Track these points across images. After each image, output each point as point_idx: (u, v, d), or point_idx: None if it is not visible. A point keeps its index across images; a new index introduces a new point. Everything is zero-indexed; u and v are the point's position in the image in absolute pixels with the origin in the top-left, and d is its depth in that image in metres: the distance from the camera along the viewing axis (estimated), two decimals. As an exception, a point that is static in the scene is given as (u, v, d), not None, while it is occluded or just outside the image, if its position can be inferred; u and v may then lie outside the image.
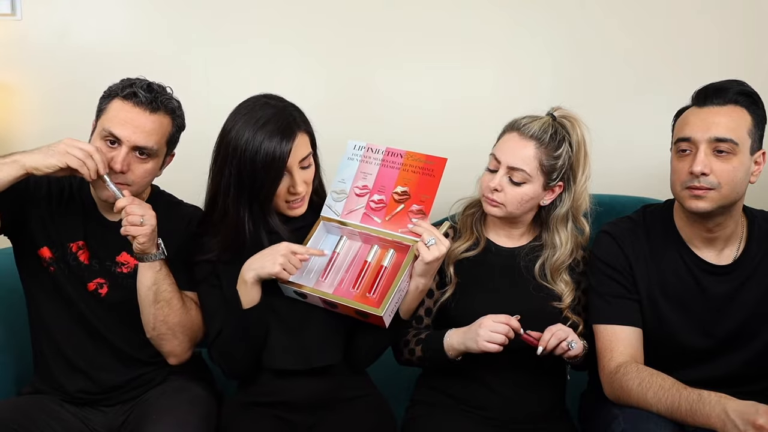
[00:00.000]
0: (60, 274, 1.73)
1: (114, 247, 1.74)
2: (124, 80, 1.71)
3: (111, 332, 1.75)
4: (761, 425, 1.38)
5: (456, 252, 1.79)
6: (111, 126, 1.65)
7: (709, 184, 1.60)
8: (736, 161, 1.60)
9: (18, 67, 2.33)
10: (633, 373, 1.61)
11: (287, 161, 1.62)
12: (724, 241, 1.69)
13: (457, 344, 1.67)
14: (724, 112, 1.61)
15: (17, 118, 2.35)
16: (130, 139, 1.64)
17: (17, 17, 2.32)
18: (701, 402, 1.49)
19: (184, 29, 2.37)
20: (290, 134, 1.63)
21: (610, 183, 2.33)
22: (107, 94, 1.69)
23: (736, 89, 1.62)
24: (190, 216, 1.81)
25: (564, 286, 1.76)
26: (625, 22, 2.44)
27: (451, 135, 1.92)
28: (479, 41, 2.42)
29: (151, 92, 1.67)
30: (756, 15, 2.45)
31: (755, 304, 1.68)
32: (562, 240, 1.78)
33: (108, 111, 1.67)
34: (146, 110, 1.66)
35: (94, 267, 1.74)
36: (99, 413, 1.75)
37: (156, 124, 1.67)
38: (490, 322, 1.62)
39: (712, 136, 1.59)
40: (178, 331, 1.71)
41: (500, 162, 1.72)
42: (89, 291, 1.73)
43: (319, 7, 2.37)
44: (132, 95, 1.65)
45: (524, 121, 1.74)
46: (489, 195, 1.74)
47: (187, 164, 1.88)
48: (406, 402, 1.89)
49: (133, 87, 1.66)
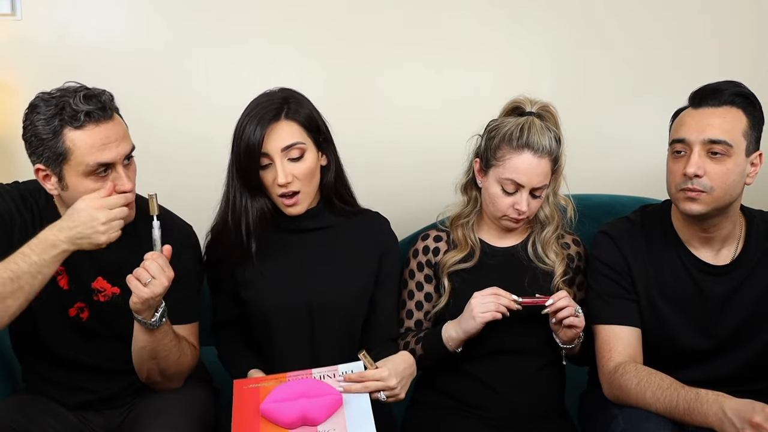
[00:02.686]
0: (40, 306, 1.61)
1: (90, 272, 1.65)
2: (51, 111, 1.49)
3: (98, 354, 1.69)
4: (758, 423, 1.39)
5: (450, 262, 1.80)
6: (96, 158, 1.50)
7: (702, 187, 1.59)
8: (731, 163, 1.59)
9: (18, 67, 2.32)
10: (631, 373, 1.61)
11: (261, 147, 1.62)
12: (721, 242, 1.69)
13: (455, 333, 1.69)
14: (719, 113, 1.60)
15: (17, 118, 2.31)
16: (120, 154, 1.54)
17: (17, 17, 2.31)
18: (699, 401, 1.49)
19: (184, 29, 2.37)
20: (267, 121, 1.63)
21: (610, 183, 2.33)
22: (48, 134, 1.50)
23: (732, 90, 1.62)
24: (183, 236, 1.72)
25: (554, 257, 1.79)
26: (625, 22, 2.44)
27: (452, 135, 1.92)
28: (479, 41, 2.42)
29: (92, 99, 1.51)
30: (756, 15, 2.45)
31: (754, 304, 1.68)
32: (546, 214, 1.80)
33: (73, 149, 1.49)
34: (107, 121, 1.52)
35: (73, 290, 1.65)
36: (98, 414, 1.74)
37: (120, 126, 1.56)
38: (478, 295, 1.66)
39: (706, 138, 1.59)
40: (173, 377, 1.67)
41: (523, 185, 1.71)
42: (70, 317, 1.66)
43: (319, 8, 2.37)
44: (87, 116, 1.49)
45: (533, 137, 1.70)
46: (515, 216, 1.74)
47: (187, 165, 1.89)
48: (406, 402, 1.89)
49: (76, 108, 1.49)
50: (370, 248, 1.79)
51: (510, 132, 1.72)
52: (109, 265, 1.64)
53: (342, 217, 1.79)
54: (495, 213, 1.76)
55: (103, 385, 1.72)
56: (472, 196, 1.85)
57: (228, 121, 1.94)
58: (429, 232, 1.87)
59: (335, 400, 1.52)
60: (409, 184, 2.40)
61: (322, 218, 1.77)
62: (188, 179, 1.94)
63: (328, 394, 1.53)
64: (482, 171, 1.79)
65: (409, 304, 1.82)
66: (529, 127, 1.71)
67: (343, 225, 1.79)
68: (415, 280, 1.83)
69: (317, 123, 1.71)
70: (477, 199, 1.84)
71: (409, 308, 1.82)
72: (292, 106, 1.67)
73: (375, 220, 1.84)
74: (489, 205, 1.77)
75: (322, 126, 1.73)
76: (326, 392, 1.53)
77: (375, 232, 1.81)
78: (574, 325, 1.64)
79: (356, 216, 1.81)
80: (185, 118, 1.76)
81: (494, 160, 1.74)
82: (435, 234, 1.86)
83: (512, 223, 1.76)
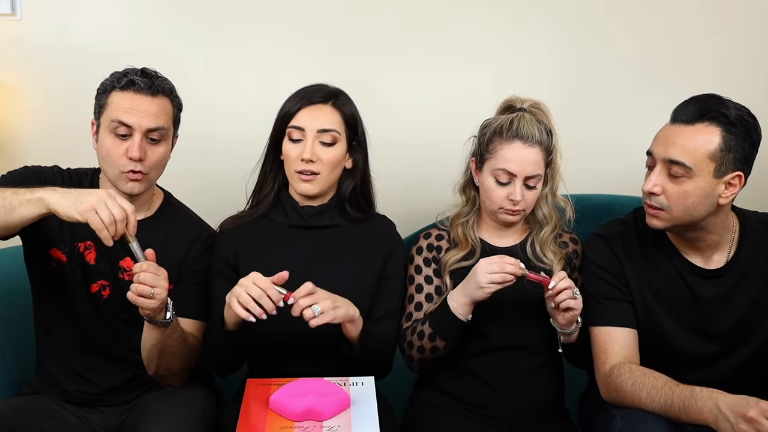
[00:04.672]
0: (65, 275, 1.72)
1: (119, 249, 1.70)
2: (115, 73, 1.70)
3: (109, 335, 1.74)
4: (752, 417, 1.38)
5: (451, 261, 1.80)
6: (119, 115, 1.65)
7: (660, 205, 1.59)
8: (690, 185, 1.56)
9: (18, 67, 2.32)
10: (626, 374, 1.61)
11: (295, 114, 1.72)
12: (710, 249, 1.68)
13: (463, 298, 1.68)
14: (687, 132, 1.56)
15: (17, 118, 2.35)
16: (141, 124, 1.65)
17: (17, 17, 2.32)
18: (693, 398, 1.49)
19: (184, 29, 2.37)
20: (314, 100, 1.73)
21: (610, 183, 2.33)
22: (102, 90, 1.70)
23: (709, 108, 1.56)
24: (197, 232, 1.80)
25: (552, 256, 1.80)
26: (625, 21, 2.44)
27: (452, 135, 1.92)
28: (479, 41, 2.42)
29: (148, 77, 1.68)
30: (756, 15, 2.45)
31: (748, 307, 1.67)
32: (545, 213, 1.82)
33: (110, 105, 1.67)
34: (147, 95, 1.67)
35: (100, 268, 1.73)
36: (98, 413, 1.75)
37: (160, 107, 1.68)
38: (484, 264, 1.64)
39: (667, 157, 1.57)
40: (180, 372, 1.71)
41: (515, 175, 1.73)
42: (91, 293, 1.73)
43: (320, 7, 2.37)
44: (130, 84, 1.66)
45: (522, 128, 1.73)
46: (510, 207, 1.75)
47: (186, 163, 1.89)
48: (405, 402, 1.89)
49: (128, 76, 1.67)
50: (375, 249, 1.80)
51: (501, 125, 1.76)
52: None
53: (349, 220, 1.81)
54: (491, 207, 1.77)
55: (106, 378, 1.74)
56: (471, 197, 1.87)
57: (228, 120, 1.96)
58: (430, 231, 1.88)
59: (343, 399, 1.54)
60: (409, 183, 2.41)
61: (330, 217, 1.78)
62: (188, 178, 1.94)
63: (337, 393, 1.55)
64: (478, 168, 1.81)
65: (418, 297, 1.82)
66: (519, 120, 1.74)
67: (350, 226, 1.81)
68: (423, 275, 1.83)
69: (357, 124, 1.80)
70: (475, 199, 1.86)
71: (418, 300, 1.81)
72: (341, 99, 1.78)
73: (381, 223, 1.86)
74: (485, 200, 1.79)
75: (360, 130, 1.81)
76: (335, 392, 1.55)
77: (380, 234, 1.83)
78: (571, 307, 1.63)
79: (365, 220, 1.83)
80: (185, 117, 1.76)
81: (487, 153, 1.77)
82: (436, 233, 1.87)
83: (509, 216, 1.77)
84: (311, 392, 1.52)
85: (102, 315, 1.73)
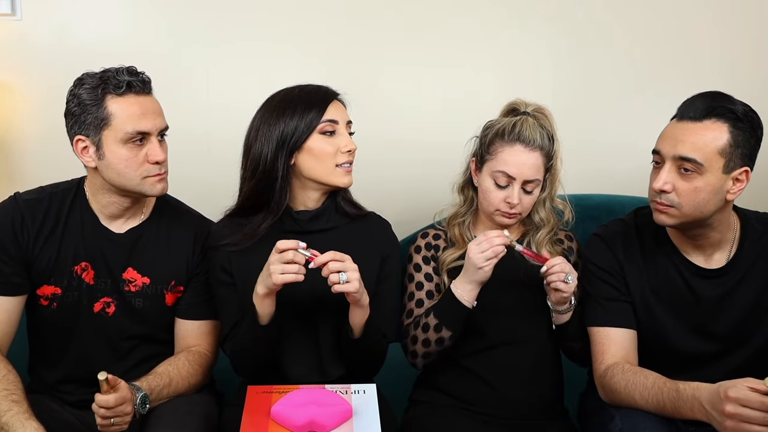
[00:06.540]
0: (63, 306, 1.67)
1: (119, 262, 1.68)
2: (94, 78, 1.60)
3: (114, 351, 1.72)
4: (731, 413, 1.37)
5: (448, 260, 1.82)
6: (135, 125, 1.59)
7: (670, 202, 1.58)
8: (701, 181, 1.56)
9: (18, 67, 2.32)
10: (618, 375, 1.62)
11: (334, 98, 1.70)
12: (711, 247, 1.68)
13: (468, 285, 1.70)
14: (696, 129, 1.56)
15: (17, 118, 2.35)
16: (157, 126, 1.63)
17: (17, 17, 2.32)
18: (681, 399, 1.49)
19: (184, 29, 2.37)
20: (326, 97, 1.70)
21: (610, 183, 2.33)
22: (94, 100, 1.59)
23: (719, 105, 1.56)
24: (197, 230, 1.77)
25: (549, 256, 1.78)
26: (625, 21, 2.44)
27: (452, 135, 1.92)
28: (479, 41, 2.42)
29: (135, 75, 1.62)
30: (756, 15, 2.45)
31: (748, 307, 1.67)
32: (542, 217, 1.83)
33: (115, 115, 1.59)
34: (147, 94, 1.64)
35: (101, 285, 1.69)
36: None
37: (157, 103, 1.66)
38: (473, 246, 1.67)
39: (677, 154, 1.57)
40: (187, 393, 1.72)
41: (514, 178, 1.74)
42: (95, 313, 1.69)
43: (320, 7, 2.37)
44: (128, 86, 1.60)
45: (524, 132, 1.74)
46: (507, 210, 1.76)
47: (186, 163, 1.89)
48: (405, 402, 1.89)
49: (118, 78, 1.59)
50: (372, 250, 1.79)
51: (503, 128, 1.76)
52: (137, 256, 1.69)
53: (346, 218, 1.79)
54: (488, 208, 1.78)
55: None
56: (469, 196, 1.87)
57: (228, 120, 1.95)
58: (428, 231, 1.89)
59: (345, 410, 1.53)
60: (409, 183, 2.41)
61: (327, 219, 1.77)
62: (188, 178, 1.94)
63: (339, 404, 1.54)
64: (477, 168, 1.82)
65: (418, 294, 1.82)
66: (521, 123, 1.75)
67: (346, 227, 1.79)
68: (423, 272, 1.84)
69: None
70: (473, 199, 1.86)
71: (419, 298, 1.82)
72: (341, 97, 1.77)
73: (377, 223, 1.85)
74: (483, 200, 1.80)
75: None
76: (337, 402, 1.54)
77: (377, 235, 1.82)
78: (560, 289, 1.66)
79: (360, 219, 1.81)
80: (185, 117, 1.76)
81: (487, 155, 1.77)
82: (434, 233, 1.88)
83: (505, 218, 1.77)
84: (313, 402, 1.51)
85: (106, 333, 1.70)
